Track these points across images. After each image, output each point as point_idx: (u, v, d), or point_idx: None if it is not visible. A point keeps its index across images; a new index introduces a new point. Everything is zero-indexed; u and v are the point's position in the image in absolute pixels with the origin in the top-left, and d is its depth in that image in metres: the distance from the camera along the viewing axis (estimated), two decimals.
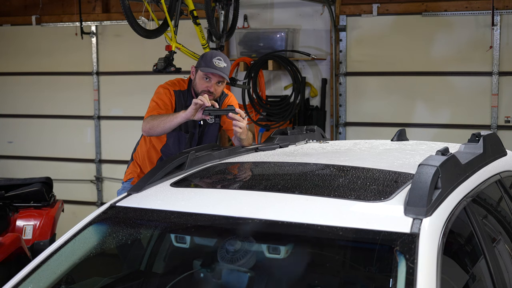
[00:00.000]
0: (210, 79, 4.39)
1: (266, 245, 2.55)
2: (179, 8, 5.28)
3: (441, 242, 2.23)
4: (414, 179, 2.36)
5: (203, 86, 4.40)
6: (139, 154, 4.67)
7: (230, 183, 3.05)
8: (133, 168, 4.71)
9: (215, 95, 4.43)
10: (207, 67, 4.37)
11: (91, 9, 8.37)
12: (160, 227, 2.84)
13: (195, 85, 4.45)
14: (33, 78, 8.69)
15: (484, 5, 6.81)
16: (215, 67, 4.36)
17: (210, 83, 4.39)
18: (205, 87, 4.39)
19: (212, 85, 4.39)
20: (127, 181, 4.69)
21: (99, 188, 8.54)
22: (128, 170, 4.75)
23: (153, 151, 4.59)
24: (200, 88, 4.41)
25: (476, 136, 3.09)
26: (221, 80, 4.41)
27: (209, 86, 4.39)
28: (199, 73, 4.42)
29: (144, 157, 4.62)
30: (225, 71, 4.39)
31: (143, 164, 4.64)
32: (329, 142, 4.00)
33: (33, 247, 5.51)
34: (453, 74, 7.10)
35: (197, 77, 4.43)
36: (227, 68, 4.43)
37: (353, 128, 7.52)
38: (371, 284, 2.58)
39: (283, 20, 7.61)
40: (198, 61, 4.52)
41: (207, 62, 4.38)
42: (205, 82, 4.39)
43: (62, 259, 2.68)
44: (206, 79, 4.39)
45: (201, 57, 4.50)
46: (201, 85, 4.41)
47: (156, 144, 4.58)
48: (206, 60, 4.40)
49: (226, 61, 4.44)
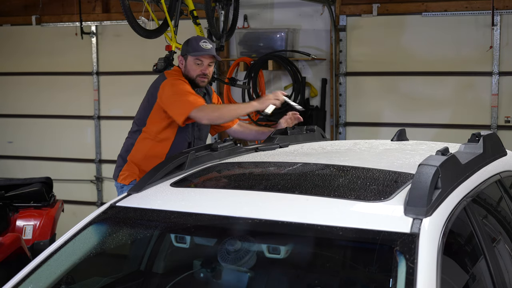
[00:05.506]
0: (202, 62, 4.52)
1: (266, 245, 2.55)
2: (179, 8, 5.29)
3: (441, 242, 2.23)
4: (414, 179, 2.36)
5: (197, 71, 4.53)
6: (138, 155, 4.62)
7: (230, 183, 3.05)
8: (131, 170, 4.63)
9: (209, 77, 4.59)
10: (196, 51, 4.51)
11: (91, 9, 8.37)
12: (160, 227, 2.84)
13: (188, 71, 4.56)
14: (33, 78, 8.69)
15: (484, 5, 6.81)
16: (204, 49, 4.51)
17: (203, 66, 4.54)
18: (200, 71, 4.54)
19: (205, 67, 4.54)
20: (129, 184, 4.59)
21: (99, 188, 8.54)
22: (123, 172, 4.66)
23: (159, 147, 4.56)
24: (195, 73, 4.53)
25: (476, 136, 3.09)
26: (212, 61, 4.56)
27: (203, 69, 4.54)
28: (189, 59, 4.53)
29: (148, 158, 4.56)
30: (213, 52, 4.56)
31: (145, 164, 4.57)
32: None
33: (33, 247, 5.51)
34: (453, 74, 7.10)
35: (188, 64, 4.54)
36: (214, 49, 4.61)
37: (353, 128, 7.52)
38: (371, 284, 2.58)
39: (283, 20, 7.61)
40: (182, 48, 4.64)
41: (194, 47, 4.53)
42: (198, 66, 4.54)
43: (62, 259, 2.67)
44: (198, 63, 4.52)
45: (186, 44, 4.62)
46: (195, 70, 4.53)
47: (164, 140, 4.56)
48: (193, 45, 4.54)
49: (210, 42, 4.63)
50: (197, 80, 4.55)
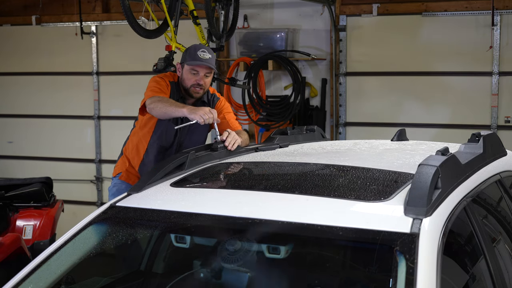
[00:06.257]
0: (197, 72, 4.37)
1: (266, 245, 2.55)
2: (179, 8, 5.29)
3: (441, 242, 2.23)
4: (414, 179, 2.36)
5: (192, 81, 4.38)
6: (129, 147, 4.64)
7: (230, 183, 3.05)
8: (121, 163, 4.67)
9: (205, 88, 4.43)
10: (193, 61, 4.36)
11: (91, 9, 8.37)
12: (160, 227, 2.84)
13: (183, 80, 4.42)
14: (33, 78, 8.69)
15: (484, 5, 6.81)
16: (201, 59, 4.35)
17: (198, 76, 4.37)
18: (194, 80, 4.37)
19: (201, 78, 4.38)
20: (116, 176, 4.66)
21: (99, 188, 8.53)
22: (117, 165, 4.71)
23: (142, 143, 4.56)
24: (189, 83, 4.39)
25: (476, 136, 3.09)
26: (208, 71, 4.39)
27: (197, 79, 4.37)
28: (185, 67, 4.40)
29: (133, 149, 4.59)
30: (211, 62, 4.38)
31: (131, 156, 4.60)
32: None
33: (33, 247, 5.51)
34: (453, 74, 7.10)
35: (184, 72, 4.42)
36: (213, 59, 4.42)
37: (353, 128, 7.52)
38: (371, 284, 2.58)
39: (283, 20, 7.61)
40: (182, 56, 4.51)
41: (192, 56, 4.37)
42: (193, 76, 4.38)
43: (62, 259, 2.68)
44: (194, 73, 4.37)
45: (185, 52, 4.49)
46: (190, 79, 4.39)
47: (144, 136, 4.53)
48: (191, 54, 4.39)
49: (210, 52, 4.44)
50: (190, 90, 4.40)
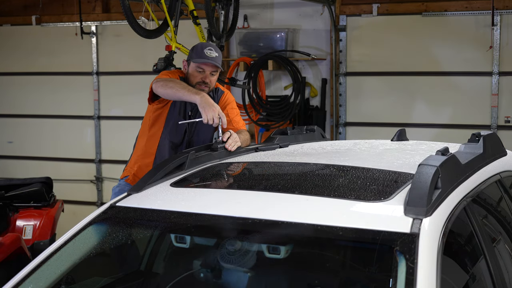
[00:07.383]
0: (203, 70, 4.35)
1: (266, 245, 2.55)
2: (179, 8, 5.29)
3: (441, 242, 2.23)
4: (414, 179, 2.36)
5: (197, 78, 4.36)
6: (139, 148, 4.62)
7: (230, 183, 3.05)
8: (130, 166, 4.63)
9: (210, 86, 4.41)
10: (199, 58, 4.34)
11: (91, 9, 8.37)
12: (160, 227, 2.84)
13: (189, 78, 4.40)
14: (33, 78, 8.69)
15: (484, 5, 6.81)
16: (207, 57, 4.33)
17: (204, 74, 4.36)
18: (200, 78, 4.36)
19: (206, 75, 4.36)
20: (123, 178, 4.64)
21: (99, 188, 8.54)
22: (125, 168, 4.66)
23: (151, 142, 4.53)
24: (195, 80, 4.37)
25: (476, 136, 3.09)
26: (214, 70, 4.37)
27: (203, 77, 4.36)
28: (192, 65, 4.39)
29: (143, 150, 4.55)
30: (217, 61, 4.37)
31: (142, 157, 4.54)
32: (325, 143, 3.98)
33: (33, 247, 5.51)
34: (453, 74, 7.10)
35: (190, 70, 4.40)
36: (219, 58, 4.41)
37: (353, 128, 7.52)
38: (371, 284, 2.58)
39: (283, 20, 7.61)
40: (188, 54, 4.49)
41: (198, 54, 4.36)
42: (199, 73, 4.36)
43: (62, 259, 2.68)
44: (200, 71, 4.36)
45: (192, 50, 4.47)
46: (195, 77, 4.37)
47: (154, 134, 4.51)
48: (197, 52, 4.37)
49: (217, 50, 4.42)
50: (196, 88, 4.35)
